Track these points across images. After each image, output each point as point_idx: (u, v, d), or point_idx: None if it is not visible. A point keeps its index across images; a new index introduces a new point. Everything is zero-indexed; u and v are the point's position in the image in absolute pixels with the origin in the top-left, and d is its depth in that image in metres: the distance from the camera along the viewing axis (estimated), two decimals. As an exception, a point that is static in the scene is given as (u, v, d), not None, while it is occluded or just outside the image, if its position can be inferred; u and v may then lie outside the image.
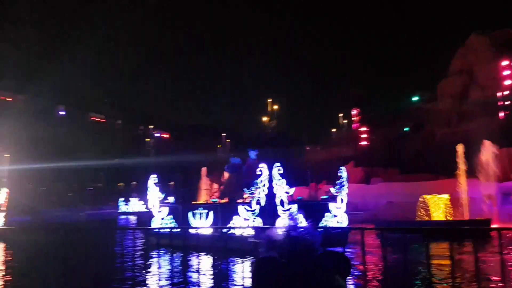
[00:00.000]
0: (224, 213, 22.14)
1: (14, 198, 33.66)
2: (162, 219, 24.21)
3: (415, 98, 70.54)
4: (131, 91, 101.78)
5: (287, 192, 21.28)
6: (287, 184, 21.35)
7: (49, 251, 6.99)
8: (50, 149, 70.69)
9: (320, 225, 20.38)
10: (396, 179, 45.29)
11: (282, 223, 20.19)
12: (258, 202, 21.26)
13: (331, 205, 22.44)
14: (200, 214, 22.95)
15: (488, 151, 30.20)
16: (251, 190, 21.40)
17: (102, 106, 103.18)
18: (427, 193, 29.14)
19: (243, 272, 5.29)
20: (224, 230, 14.09)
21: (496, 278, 10.14)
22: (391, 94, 75.85)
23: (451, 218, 27.23)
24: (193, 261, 7.47)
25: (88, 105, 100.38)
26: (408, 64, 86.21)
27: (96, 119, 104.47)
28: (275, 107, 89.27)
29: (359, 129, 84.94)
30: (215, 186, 30.20)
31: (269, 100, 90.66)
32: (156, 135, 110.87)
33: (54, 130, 79.98)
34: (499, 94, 41.55)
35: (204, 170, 34.36)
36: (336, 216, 22.40)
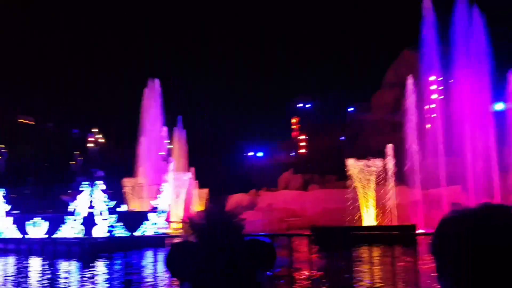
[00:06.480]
0: (55, 222, 25.71)
1: None
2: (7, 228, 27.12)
3: (350, 109, 73.21)
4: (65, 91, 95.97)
5: (107, 205, 25.13)
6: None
7: None
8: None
9: (138, 231, 25.39)
10: (333, 186, 46.58)
11: (99, 230, 24.26)
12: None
13: (151, 215, 26.89)
14: (35, 223, 26.00)
15: (415, 159, 31.95)
16: (75, 203, 25.16)
17: (33, 107, 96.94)
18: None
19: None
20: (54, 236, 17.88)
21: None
22: (330, 104, 77.92)
23: (377, 223, 28.44)
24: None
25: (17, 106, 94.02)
26: (345, 75, 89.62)
27: (26, 121, 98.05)
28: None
29: (298, 137, 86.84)
30: None
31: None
32: (91, 139, 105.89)
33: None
34: (426, 107, 44.10)
35: None
36: (156, 224, 26.82)
